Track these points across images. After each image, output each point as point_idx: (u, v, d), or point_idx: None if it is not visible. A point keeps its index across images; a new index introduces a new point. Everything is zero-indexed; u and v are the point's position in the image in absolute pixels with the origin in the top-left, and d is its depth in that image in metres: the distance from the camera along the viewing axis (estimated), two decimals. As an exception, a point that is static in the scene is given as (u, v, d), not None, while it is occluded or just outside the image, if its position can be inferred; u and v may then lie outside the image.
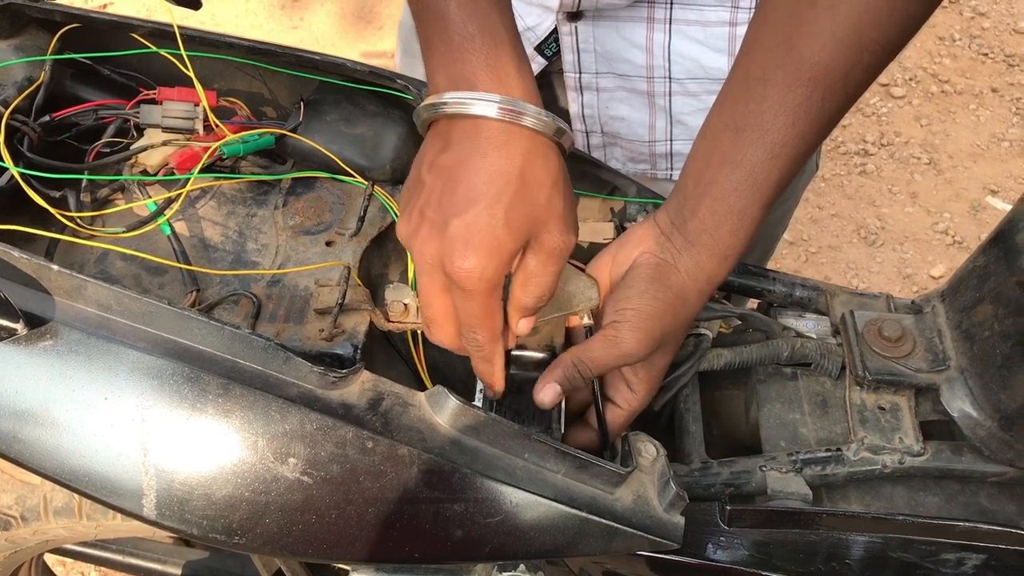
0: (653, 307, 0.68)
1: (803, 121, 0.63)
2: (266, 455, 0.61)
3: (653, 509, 0.69)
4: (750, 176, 0.65)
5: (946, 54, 2.88)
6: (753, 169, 0.65)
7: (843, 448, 0.76)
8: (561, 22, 0.93)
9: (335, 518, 0.62)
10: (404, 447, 0.62)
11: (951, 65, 2.85)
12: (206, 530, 0.61)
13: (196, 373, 0.61)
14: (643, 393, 0.74)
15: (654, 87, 0.95)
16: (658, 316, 0.68)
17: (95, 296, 0.61)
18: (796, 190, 1.20)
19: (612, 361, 0.70)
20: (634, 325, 0.68)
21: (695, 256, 0.68)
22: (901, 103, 2.72)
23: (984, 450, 0.75)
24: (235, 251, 0.77)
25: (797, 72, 0.62)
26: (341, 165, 0.79)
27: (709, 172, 0.67)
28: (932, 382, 0.76)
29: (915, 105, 2.71)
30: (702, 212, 0.67)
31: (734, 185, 0.66)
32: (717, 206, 0.67)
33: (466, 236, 0.60)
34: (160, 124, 0.78)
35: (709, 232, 0.67)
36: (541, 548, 0.66)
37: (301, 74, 0.82)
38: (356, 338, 0.70)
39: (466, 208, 0.61)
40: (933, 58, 2.86)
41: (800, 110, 0.63)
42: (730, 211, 0.67)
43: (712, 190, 0.67)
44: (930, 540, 0.70)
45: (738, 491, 0.76)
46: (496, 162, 0.61)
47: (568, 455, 0.67)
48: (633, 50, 0.93)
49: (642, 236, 0.71)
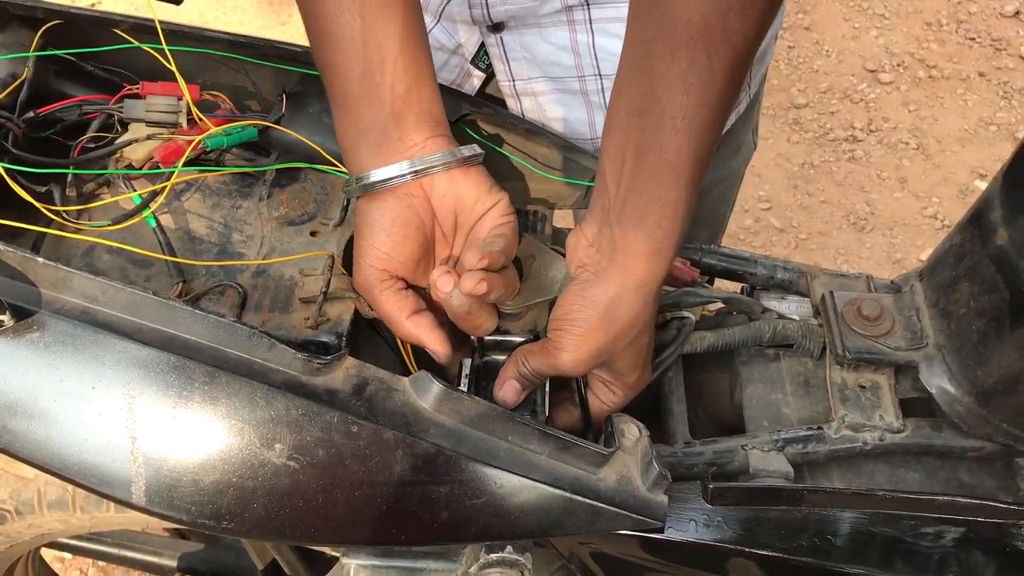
0: (581, 330, 0.68)
1: (696, 87, 0.60)
2: (252, 441, 0.62)
3: (636, 489, 0.70)
4: (661, 158, 0.63)
5: (933, 39, 2.89)
6: (663, 150, 0.63)
7: (824, 426, 0.77)
8: (486, 35, 0.94)
9: (322, 502, 0.63)
10: (389, 431, 0.63)
11: (938, 50, 2.86)
12: (195, 516, 0.62)
13: (182, 362, 0.61)
14: (621, 396, 0.75)
15: (587, 85, 0.96)
16: (587, 338, 0.69)
17: (81, 288, 0.62)
18: (732, 169, 1.20)
19: (548, 371, 0.71)
20: (566, 348, 0.69)
21: (623, 263, 0.67)
22: (889, 89, 2.72)
23: (962, 425, 0.76)
24: (220, 243, 0.78)
25: (674, 37, 0.60)
26: (324, 156, 0.80)
27: (625, 166, 0.65)
28: (911, 360, 0.77)
29: (903, 91, 2.72)
30: (627, 210, 0.66)
31: (650, 172, 0.64)
32: (639, 200, 0.65)
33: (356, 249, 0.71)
34: (144, 118, 0.78)
35: (635, 230, 0.66)
36: (526, 528, 0.67)
37: (283, 66, 0.83)
38: (341, 326, 0.71)
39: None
40: (920, 43, 2.87)
41: (690, 76, 0.60)
42: (651, 201, 0.65)
43: (632, 184, 0.65)
44: (909, 514, 0.71)
45: (721, 470, 0.77)
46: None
47: (551, 436, 0.68)
48: (560, 52, 0.94)
49: (575, 249, 0.72)
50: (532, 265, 0.79)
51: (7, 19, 0.78)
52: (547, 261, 0.80)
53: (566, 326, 0.69)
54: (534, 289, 0.78)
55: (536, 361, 0.71)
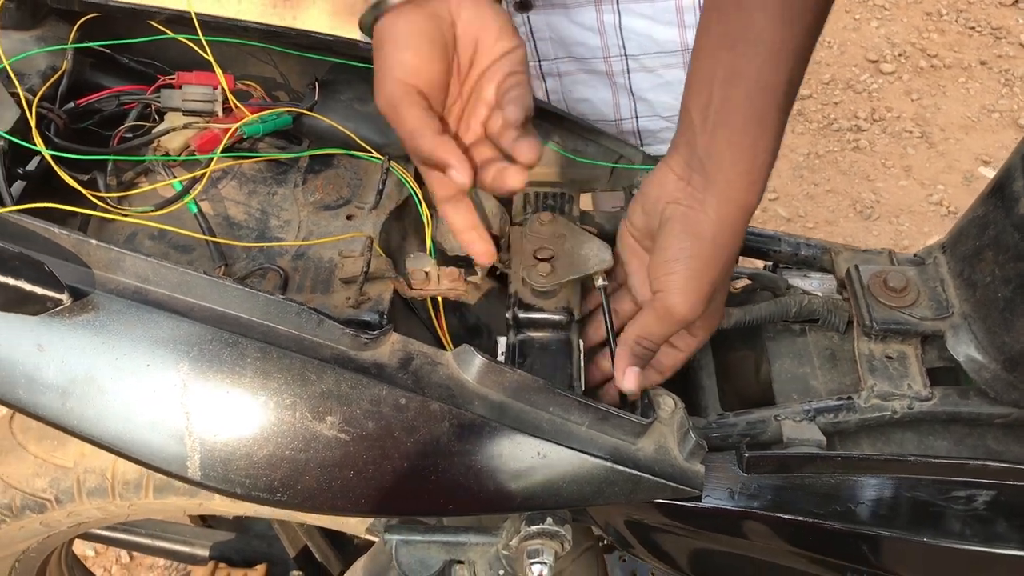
0: (694, 266, 0.67)
1: (791, 13, 0.61)
2: (304, 414, 0.63)
3: (674, 458, 0.72)
4: (758, 82, 0.62)
5: (934, 29, 2.91)
6: (760, 74, 0.62)
7: (854, 396, 0.79)
8: (513, 14, 0.95)
9: (372, 473, 0.65)
10: (435, 403, 0.65)
11: (939, 40, 2.88)
12: (248, 489, 0.64)
13: (234, 338, 0.63)
14: (703, 335, 0.75)
15: (612, 66, 0.97)
16: (701, 273, 0.67)
17: (133, 268, 0.64)
18: None
19: (671, 330, 0.70)
20: (681, 289, 0.67)
21: (721, 192, 0.66)
22: (891, 79, 2.74)
23: (990, 392, 0.77)
24: (259, 228, 0.79)
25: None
26: (358, 142, 0.82)
27: (715, 95, 0.64)
28: (937, 329, 0.79)
29: (905, 80, 2.74)
30: (719, 138, 0.64)
31: (744, 95, 0.63)
32: (733, 125, 0.64)
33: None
34: (180, 107, 0.80)
35: (730, 157, 0.64)
36: (569, 498, 0.69)
37: (315, 56, 0.85)
38: (381, 304, 0.73)
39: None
40: (921, 33, 2.89)
41: (788, 6, 0.60)
42: (748, 122, 0.64)
43: (723, 112, 0.64)
44: (941, 479, 0.73)
45: (754, 440, 0.79)
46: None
47: (591, 407, 0.69)
48: (586, 33, 0.95)
49: (661, 185, 0.70)
50: (563, 244, 0.81)
51: (45, 13, 0.80)
52: (579, 240, 0.81)
53: (674, 266, 0.67)
54: (566, 267, 0.79)
55: (646, 326, 0.70)
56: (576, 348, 0.78)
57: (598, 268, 0.79)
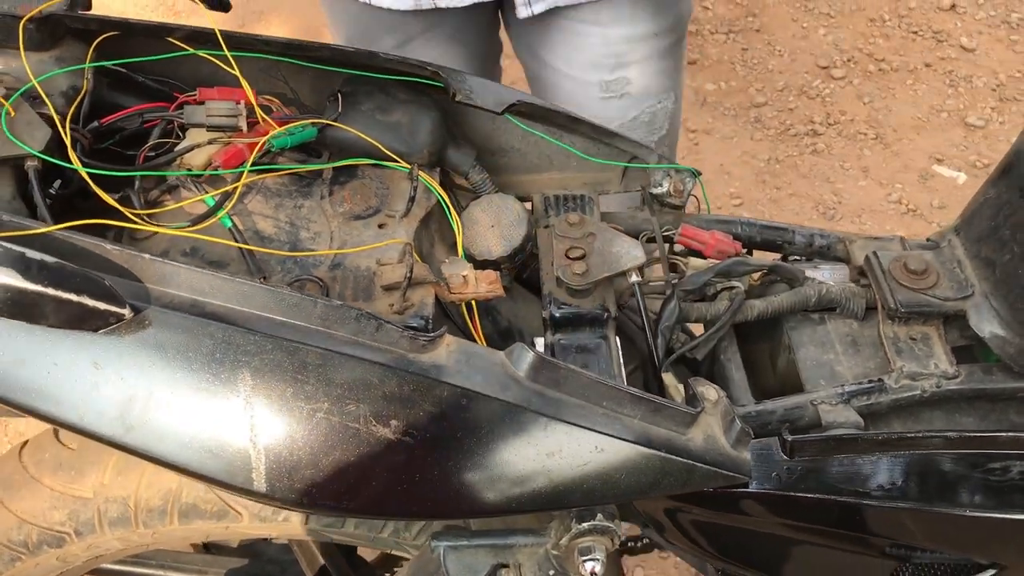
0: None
1: None
2: (368, 419, 0.63)
3: (722, 447, 0.73)
4: None
5: (878, 34, 3.00)
6: None
7: (884, 378, 0.81)
8: None
9: (438, 475, 0.65)
10: (496, 401, 0.65)
11: (884, 44, 2.96)
12: (315, 498, 0.63)
13: (294, 346, 0.63)
14: None
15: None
16: None
17: (188, 281, 0.63)
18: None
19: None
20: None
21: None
22: (842, 83, 2.82)
23: (1014, 366, 0.80)
24: (290, 240, 0.79)
25: None
26: (384, 151, 0.82)
27: None
28: (959, 308, 0.81)
29: (855, 84, 2.82)
30: None
31: None
32: None
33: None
34: (205, 123, 0.79)
35: None
36: (628, 490, 0.70)
37: (333, 68, 0.85)
38: (426, 309, 0.73)
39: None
40: (867, 39, 2.98)
41: None
42: None
43: None
44: (976, 452, 0.75)
45: (793, 426, 0.80)
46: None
47: (643, 400, 0.70)
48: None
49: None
50: (593, 243, 0.82)
51: (62, 33, 0.79)
52: (608, 238, 0.83)
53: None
54: (599, 265, 0.80)
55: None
56: (614, 345, 0.79)
57: (632, 264, 0.80)
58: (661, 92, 1.24)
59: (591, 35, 1.18)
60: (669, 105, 1.26)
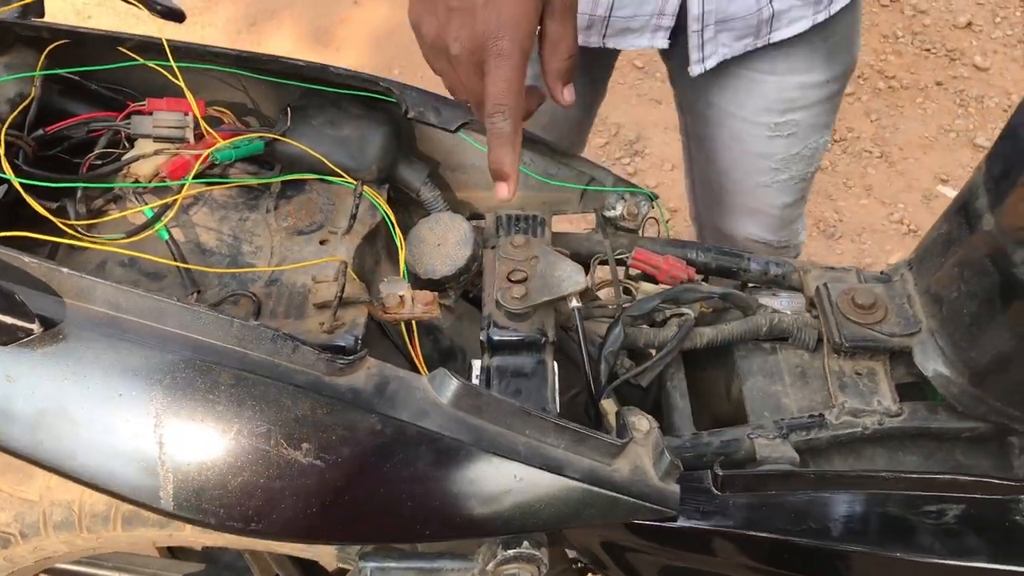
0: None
1: None
2: (279, 442, 0.63)
3: (650, 479, 0.72)
4: None
5: (891, 51, 2.97)
6: None
7: (826, 413, 0.80)
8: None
9: (348, 500, 0.64)
10: (412, 427, 0.65)
11: (896, 61, 2.93)
12: (223, 519, 0.63)
13: (207, 365, 0.62)
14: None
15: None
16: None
17: (105, 296, 0.63)
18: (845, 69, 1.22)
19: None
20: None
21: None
22: (851, 100, 2.79)
23: (957, 406, 0.79)
24: (231, 254, 0.79)
25: None
26: (330, 166, 0.82)
27: None
28: (905, 345, 0.80)
29: (864, 101, 2.79)
30: None
31: None
32: None
33: (496, 10, 0.68)
34: (151, 134, 0.80)
35: None
36: (548, 520, 0.69)
37: (286, 81, 0.85)
38: (356, 329, 0.73)
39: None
40: (879, 55, 2.95)
41: None
42: None
43: None
44: (912, 494, 0.74)
45: (728, 459, 0.79)
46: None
47: (567, 429, 0.69)
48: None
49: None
50: (536, 266, 0.81)
51: (12, 40, 0.79)
52: (551, 262, 0.82)
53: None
54: (540, 289, 0.80)
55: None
56: (551, 370, 0.79)
57: (571, 290, 0.80)
58: (823, 129, 1.25)
59: (766, 83, 1.18)
60: (826, 140, 1.28)
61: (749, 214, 1.32)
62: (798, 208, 1.34)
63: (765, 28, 1.12)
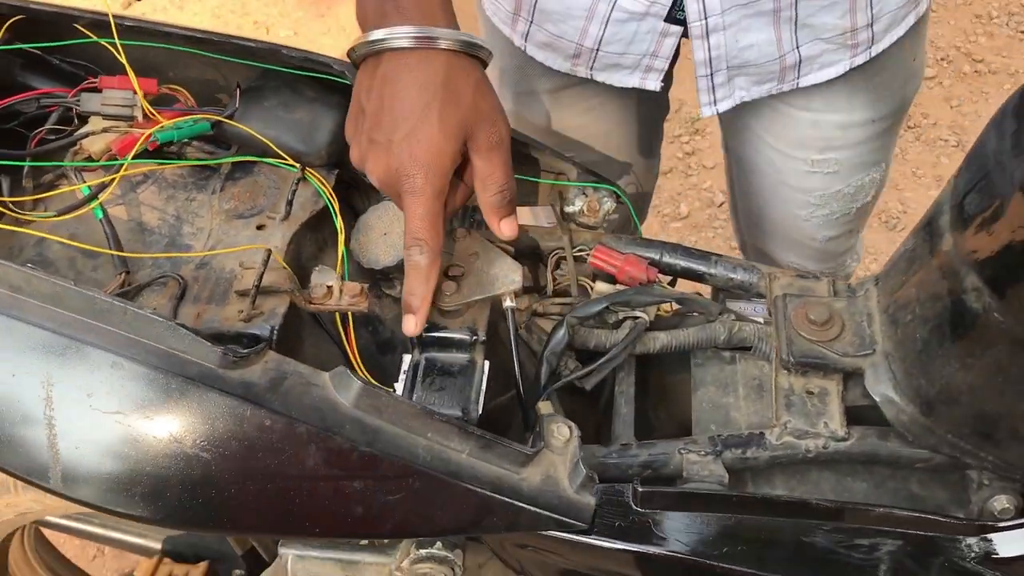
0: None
1: None
2: (166, 431, 0.63)
3: (563, 490, 0.70)
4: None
5: (982, 32, 2.80)
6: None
7: (766, 432, 0.76)
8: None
9: (235, 492, 0.64)
10: (303, 425, 0.64)
11: (987, 44, 2.76)
12: (110, 502, 0.64)
13: (99, 352, 0.63)
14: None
15: (780, 2, 0.95)
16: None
17: (5, 277, 0.64)
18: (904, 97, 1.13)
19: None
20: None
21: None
22: (931, 84, 2.64)
23: (908, 436, 0.73)
24: (170, 235, 0.79)
25: None
26: (274, 149, 0.81)
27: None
28: (857, 366, 0.75)
29: (946, 86, 2.64)
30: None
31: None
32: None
33: (409, 149, 0.69)
34: (100, 112, 0.80)
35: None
36: (444, 526, 0.68)
37: (238, 60, 0.84)
38: (274, 319, 0.72)
39: (404, 124, 0.70)
40: (968, 36, 2.78)
41: None
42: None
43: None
44: (844, 527, 0.70)
45: (656, 473, 0.76)
46: (421, 80, 0.70)
47: (473, 435, 0.68)
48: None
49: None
50: (474, 262, 0.79)
51: (-30, 14, 0.81)
52: (490, 259, 0.80)
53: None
54: (473, 286, 0.78)
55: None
56: (480, 370, 0.77)
57: (505, 289, 0.77)
58: (871, 166, 1.15)
59: (801, 119, 1.09)
60: (878, 176, 1.18)
61: (789, 244, 1.23)
62: (846, 241, 1.24)
63: (791, 74, 1.02)
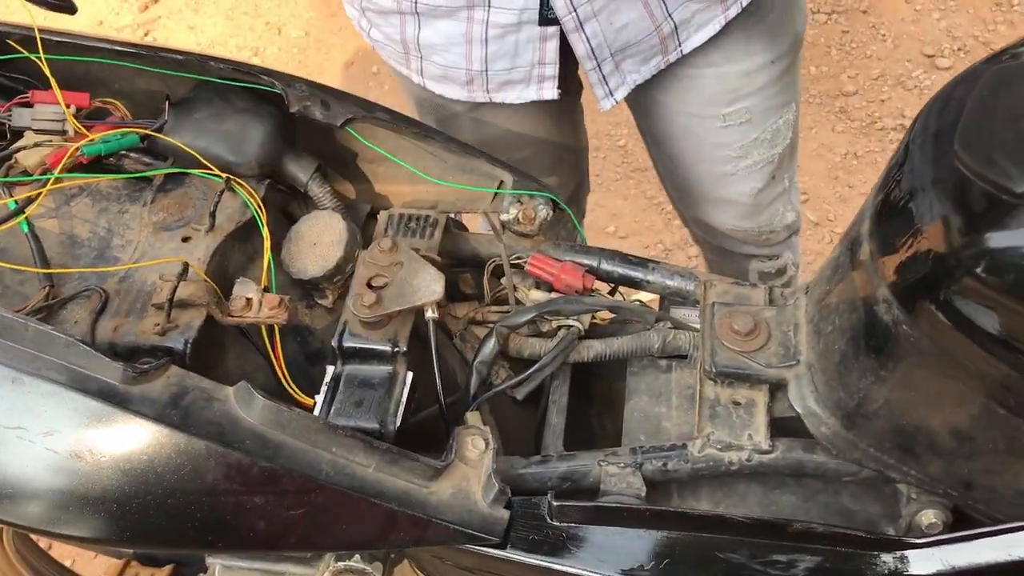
0: None
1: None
2: (63, 447, 0.63)
3: (474, 503, 0.69)
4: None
5: (1002, 20, 2.72)
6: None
7: (688, 444, 0.74)
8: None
9: (136, 507, 0.64)
10: (202, 441, 0.64)
11: (1007, 33, 2.69)
12: (24, 519, 0.65)
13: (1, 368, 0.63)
14: None
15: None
16: None
17: (-89, 295, 0.65)
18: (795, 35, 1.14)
19: None
20: None
21: None
22: (947, 74, 2.58)
23: (832, 449, 0.72)
24: (100, 247, 0.80)
25: None
26: (200, 160, 0.81)
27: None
28: (781, 377, 0.73)
29: (961, 76, 2.58)
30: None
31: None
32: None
33: None
34: (31, 127, 0.81)
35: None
36: (349, 540, 0.68)
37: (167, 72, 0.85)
38: (189, 332, 0.72)
39: None
40: (987, 25, 2.71)
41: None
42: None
43: None
44: (760, 542, 0.68)
45: (575, 486, 0.75)
46: None
47: (379, 449, 0.67)
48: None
49: None
50: (397, 272, 0.79)
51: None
52: (414, 269, 0.79)
53: None
54: (395, 297, 0.77)
55: None
56: (401, 382, 0.76)
57: (426, 300, 0.77)
58: (782, 107, 1.16)
59: (705, 77, 1.10)
60: (791, 117, 1.19)
61: (720, 204, 1.24)
62: (772, 190, 1.23)
63: (672, 43, 1.03)
